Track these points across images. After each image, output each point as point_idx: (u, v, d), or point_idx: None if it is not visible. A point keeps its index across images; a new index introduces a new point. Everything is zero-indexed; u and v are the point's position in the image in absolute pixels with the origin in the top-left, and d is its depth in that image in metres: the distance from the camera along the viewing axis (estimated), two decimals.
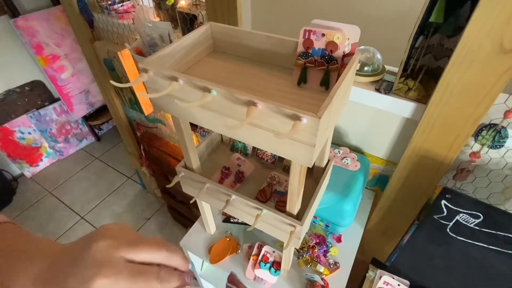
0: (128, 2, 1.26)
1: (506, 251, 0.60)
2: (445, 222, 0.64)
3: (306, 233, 0.86)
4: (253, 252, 0.82)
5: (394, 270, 0.74)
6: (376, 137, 0.88)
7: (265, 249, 0.82)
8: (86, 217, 2.06)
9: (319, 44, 0.51)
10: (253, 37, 0.59)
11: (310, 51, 0.52)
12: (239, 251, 0.86)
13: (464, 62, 0.55)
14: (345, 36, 0.49)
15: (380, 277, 0.74)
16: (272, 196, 0.67)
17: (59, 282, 0.27)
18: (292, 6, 1.45)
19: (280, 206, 0.64)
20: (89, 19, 1.34)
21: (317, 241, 0.85)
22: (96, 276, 0.26)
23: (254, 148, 0.79)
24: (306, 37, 0.52)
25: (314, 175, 0.71)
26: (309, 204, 0.60)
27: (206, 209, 0.81)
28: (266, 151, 0.75)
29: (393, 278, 0.73)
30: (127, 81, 1.27)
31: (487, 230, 0.61)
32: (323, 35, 0.50)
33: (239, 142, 0.78)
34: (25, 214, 2.09)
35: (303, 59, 0.53)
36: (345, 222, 0.82)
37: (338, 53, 0.51)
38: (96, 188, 2.26)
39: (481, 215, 0.61)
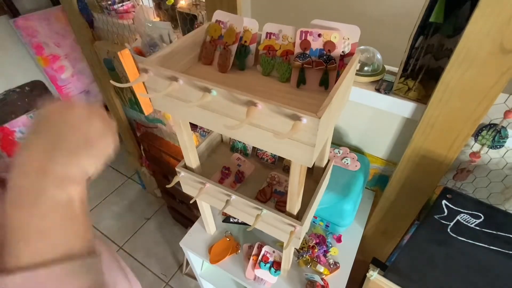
0: (128, 2, 1.26)
1: (507, 251, 0.60)
2: (446, 222, 0.64)
3: (306, 233, 0.86)
4: (253, 252, 0.82)
5: (394, 270, 0.74)
6: (376, 137, 0.88)
7: (265, 249, 0.82)
8: None
9: (316, 44, 0.51)
10: None
11: (308, 52, 0.52)
12: (239, 251, 0.86)
13: (464, 62, 0.55)
14: (342, 35, 0.49)
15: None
16: (272, 196, 0.67)
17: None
18: (292, 7, 1.45)
19: (280, 206, 0.64)
20: (89, 19, 1.34)
21: (317, 241, 0.85)
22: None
23: (254, 148, 0.79)
24: (303, 38, 0.52)
25: (314, 175, 0.71)
26: (309, 204, 0.60)
27: (206, 209, 0.81)
28: (266, 151, 0.75)
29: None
30: (127, 81, 1.27)
31: (487, 231, 0.61)
32: (319, 35, 0.50)
33: (239, 142, 0.78)
34: None
35: (300, 60, 0.53)
36: (345, 222, 0.82)
37: (336, 52, 0.51)
38: (96, 188, 2.26)
39: (481, 215, 0.60)
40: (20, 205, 0.28)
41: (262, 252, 0.81)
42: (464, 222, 0.62)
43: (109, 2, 1.24)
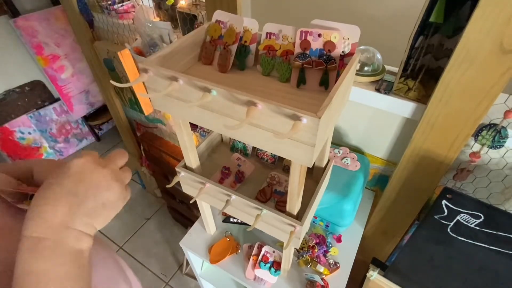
0: (128, 2, 1.26)
1: (506, 251, 0.60)
2: (446, 222, 0.64)
3: (306, 233, 0.86)
4: (253, 252, 0.82)
5: (394, 270, 0.74)
6: (376, 137, 0.88)
7: (265, 249, 0.82)
8: None
9: (316, 44, 0.51)
10: None
11: (308, 52, 0.52)
12: (239, 251, 0.86)
13: (464, 62, 0.55)
14: (342, 35, 0.49)
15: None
16: (272, 196, 0.67)
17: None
18: (293, 7, 1.45)
19: (280, 206, 0.64)
20: (89, 19, 1.34)
21: (317, 241, 0.85)
22: None
23: (254, 148, 0.79)
24: (303, 38, 0.52)
25: (314, 175, 0.71)
26: (309, 204, 0.60)
27: (206, 209, 0.81)
28: (266, 151, 0.75)
29: None
30: (127, 81, 1.27)
31: (487, 231, 0.61)
32: (319, 35, 0.50)
33: (239, 142, 0.78)
34: None
35: (300, 60, 0.53)
36: (345, 222, 0.82)
37: (336, 52, 0.51)
38: None
39: (481, 215, 0.60)
40: (41, 253, 0.30)
41: (262, 252, 0.81)
42: (464, 222, 0.62)
43: (109, 2, 1.24)
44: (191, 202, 0.69)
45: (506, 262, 0.60)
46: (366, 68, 0.75)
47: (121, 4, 1.25)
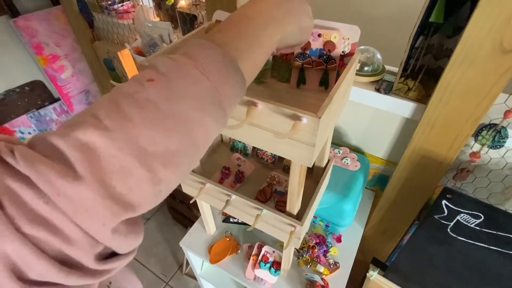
0: (128, 2, 1.26)
1: (507, 251, 0.60)
2: (446, 222, 0.64)
3: (306, 233, 0.86)
4: (253, 252, 0.82)
5: (394, 270, 0.74)
6: (376, 137, 0.88)
7: (265, 249, 0.82)
8: None
9: (316, 44, 0.51)
10: None
11: (308, 52, 0.52)
12: (239, 251, 0.86)
13: (464, 62, 0.55)
14: (342, 35, 0.49)
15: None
16: (272, 196, 0.67)
17: None
18: None
19: (280, 206, 0.64)
20: (89, 19, 1.34)
21: (317, 241, 0.85)
22: None
23: (254, 148, 0.78)
24: None
25: (314, 175, 0.71)
26: (309, 204, 0.60)
27: (206, 209, 0.81)
28: (266, 151, 0.75)
29: None
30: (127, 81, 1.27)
31: (487, 231, 0.61)
32: (319, 35, 0.50)
33: (239, 142, 0.78)
34: None
35: (300, 60, 0.53)
36: (345, 222, 0.82)
37: (336, 52, 0.51)
38: None
39: (482, 216, 0.60)
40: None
41: (262, 252, 0.81)
42: (464, 222, 0.62)
43: (109, 2, 1.24)
44: (191, 202, 0.69)
45: (506, 262, 0.60)
46: (366, 68, 0.75)
47: (121, 4, 1.25)
